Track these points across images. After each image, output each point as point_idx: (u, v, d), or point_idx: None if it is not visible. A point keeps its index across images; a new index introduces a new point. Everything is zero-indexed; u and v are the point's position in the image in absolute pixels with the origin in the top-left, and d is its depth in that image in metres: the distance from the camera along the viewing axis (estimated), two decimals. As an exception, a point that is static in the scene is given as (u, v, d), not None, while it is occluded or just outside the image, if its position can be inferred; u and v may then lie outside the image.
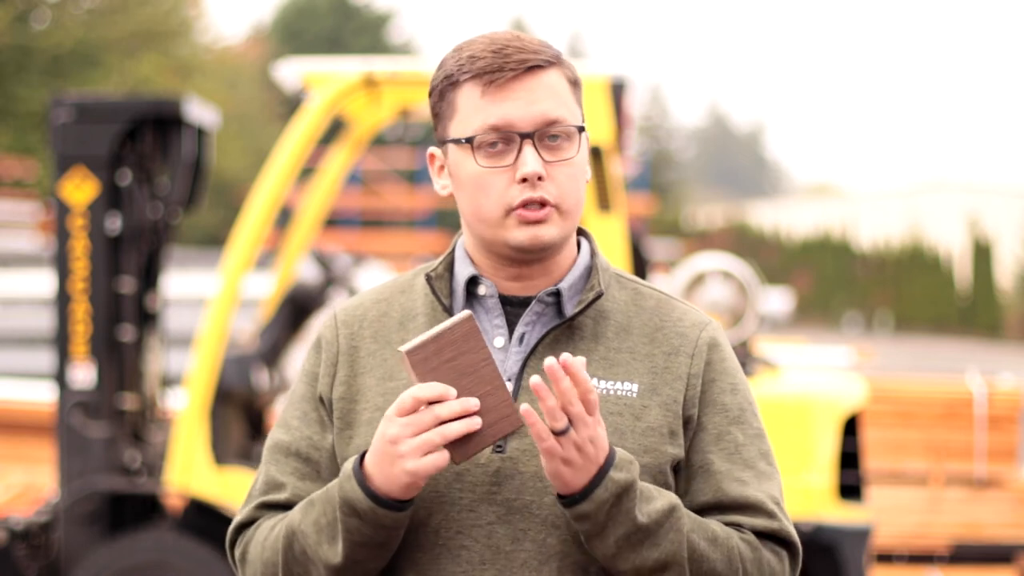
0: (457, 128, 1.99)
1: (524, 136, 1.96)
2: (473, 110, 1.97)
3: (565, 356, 1.84)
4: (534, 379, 1.84)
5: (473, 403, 1.86)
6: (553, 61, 1.99)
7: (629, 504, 1.88)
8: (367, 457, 1.92)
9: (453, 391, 1.87)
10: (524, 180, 1.96)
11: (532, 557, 1.95)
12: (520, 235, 1.97)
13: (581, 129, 2.00)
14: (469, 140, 1.97)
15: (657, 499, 1.92)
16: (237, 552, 2.07)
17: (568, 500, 1.89)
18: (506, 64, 1.95)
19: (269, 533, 2.02)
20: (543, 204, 1.97)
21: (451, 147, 2.01)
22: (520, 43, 1.98)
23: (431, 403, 1.87)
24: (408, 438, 1.86)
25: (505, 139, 1.96)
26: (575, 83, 2.02)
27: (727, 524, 1.99)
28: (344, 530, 1.92)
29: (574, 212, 2.00)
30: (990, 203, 46.40)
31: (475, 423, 1.86)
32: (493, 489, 1.96)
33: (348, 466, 1.93)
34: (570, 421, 1.85)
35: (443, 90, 2.00)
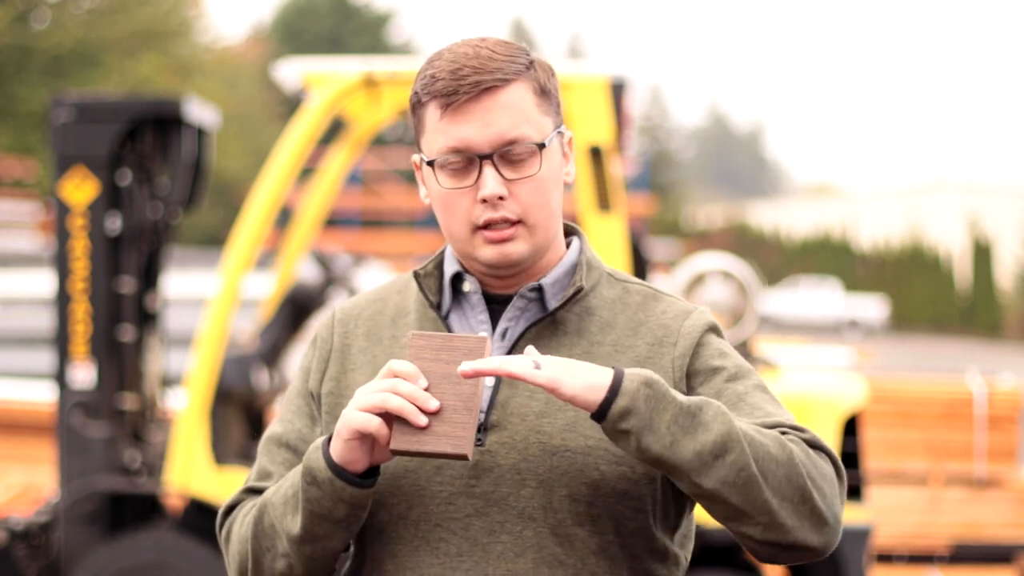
0: (425, 146, 2.02)
1: (483, 157, 1.97)
2: (435, 131, 1.99)
3: (463, 368, 1.84)
4: (466, 366, 1.84)
5: (433, 404, 1.86)
6: (513, 77, 1.98)
7: (662, 389, 1.85)
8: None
9: (424, 380, 1.88)
10: (485, 200, 1.98)
11: (508, 549, 1.96)
12: (488, 253, 2.00)
13: (542, 146, 1.99)
14: (431, 163, 2.01)
15: (687, 395, 1.92)
16: (223, 534, 2.12)
17: (602, 408, 1.84)
18: (460, 87, 1.96)
19: (250, 511, 2.06)
20: (507, 222, 1.98)
21: (422, 162, 2.04)
22: (479, 61, 1.97)
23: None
24: (363, 393, 1.89)
25: (467, 160, 1.98)
26: (544, 91, 2.02)
27: None
28: (304, 499, 1.94)
29: (543, 224, 2.01)
30: (990, 203, 46.43)
31: (419, 418, 1.85)
32: (471, 482, 1.97)
33: (319, 439, 1.96)
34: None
35: (413, 107, 2.04)
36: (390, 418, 1.88)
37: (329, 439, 1.93)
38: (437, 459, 1.91)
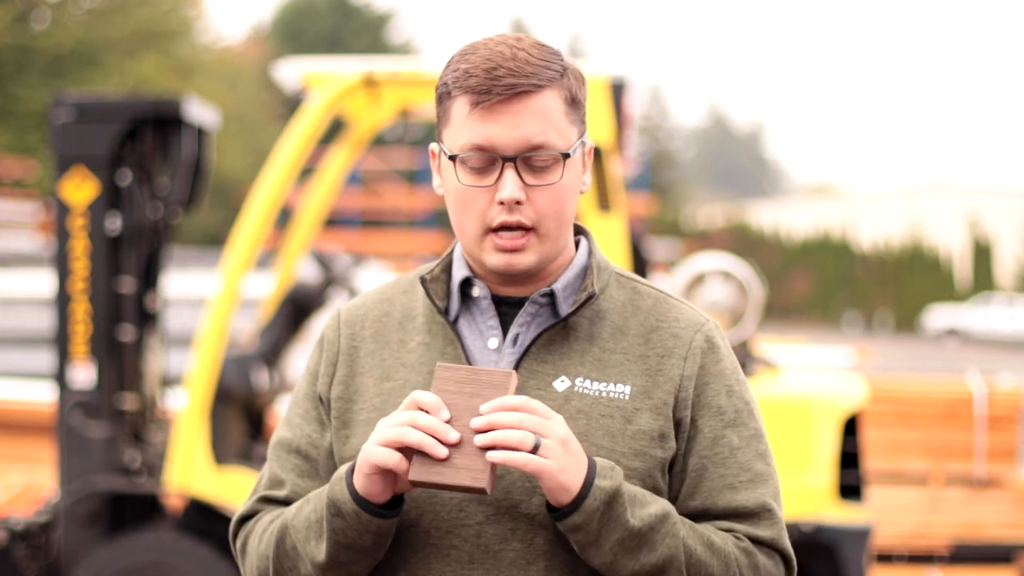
0: (448, 138, 2.00)
1: (506, 159, 1.96)
2: (461, 126, 1.97)
3: (483, 408, 1.86)
4: (477, 425, 1.86)
5: (452, 436, 1.86)
6: (547, 83, 1.96)
7: (620, 509, 1.89)
8: None
9: (445, 412, 1.87)
10: (502, 203, 1.96)
11: (520, 556, 1.95)
12: (495, 260, 1.99)
13: (567, 156, 1.98)
14: (452, 158, 1.99)
15: (651, 504, 1.93)
16: (238, 544, 2.12)
17: (559, 513, 1.89)
18: (495, 87, 1.94)
19: (267, 527, 2.05)
20: (520, 228, 1.97)
21: (441, 154, 2.03)
22: (515, 63, 1.95)
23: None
24: (384, 426, 1.89)
25: (490, 160, 1.97)
26: (574, 101, 2.00)
27: (722, 529, 1.99)
28: (329, 530, 1.94)
29: (555, 235, 2.00)
30: (990, 203, 46.45)
31: (439, 450, 1.85)
32: None
33: (342, 469, 1.95)
34: (535, 432, 1.86)
35: (440, 96, 2.02)
36: (411, 450, 1.88)
37: (352, 469, 1.93)
38: (455, 492, 1.90)
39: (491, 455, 1.83)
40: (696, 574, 1.93)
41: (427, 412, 1.87)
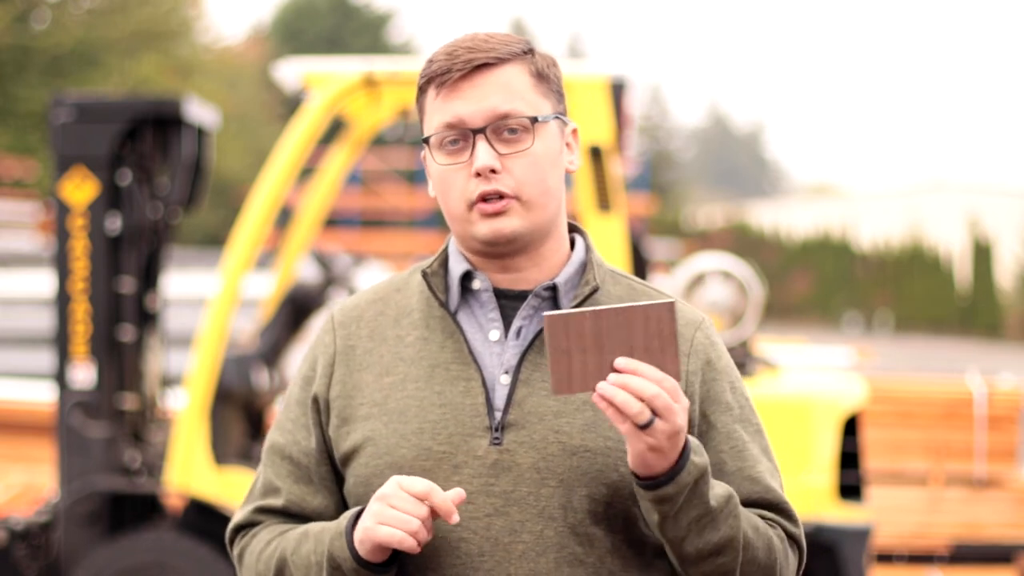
0: (425, 129, 2.06)
1: (476, 131, 1.99)
2: (432, 112, 2.03)
3: (618, 362, 1.83)
4: (601, 386, 1.82)
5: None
6: (508, 57, 2.01)
7: (704, 487, 1.90)
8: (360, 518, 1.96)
9: (456, 517, 1.90)
10: (479, 174, 1.99)
11: (530, 549, 1.96)
12: (483, 228, 2.01)
13: (535, 120, 2.01)
14: (427, 140, 2.04)
15: (717, 485, 1.95)
16: (235, 552, 2.14)
17: (651, 483, 1.88)
18: (453, 66, 2.00)
19: (265, 548, 2.08)
20: (501, 196, 2.00)
21: (425, 149, 2.07)
22: (474, 43, 2.01)
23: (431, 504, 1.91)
24: (388, 506, 1.90)
25: (462, 136, 2.01)
26: (542, 75, 2.04)
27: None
28: None
29: (539, 202, 2.02)
30: (990, 203, 46.42)
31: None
32: (490, 481, 1.97)
33: (343, 522, 1.97)
34: (656, 413, 1.83)
35: (416, 96, 2.08)
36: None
37: (354, 524, 1.95)
38: (463, 470, 1.92)
39: (599, 401, 1.82)
40: (745, 556, 1.95)
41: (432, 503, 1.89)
